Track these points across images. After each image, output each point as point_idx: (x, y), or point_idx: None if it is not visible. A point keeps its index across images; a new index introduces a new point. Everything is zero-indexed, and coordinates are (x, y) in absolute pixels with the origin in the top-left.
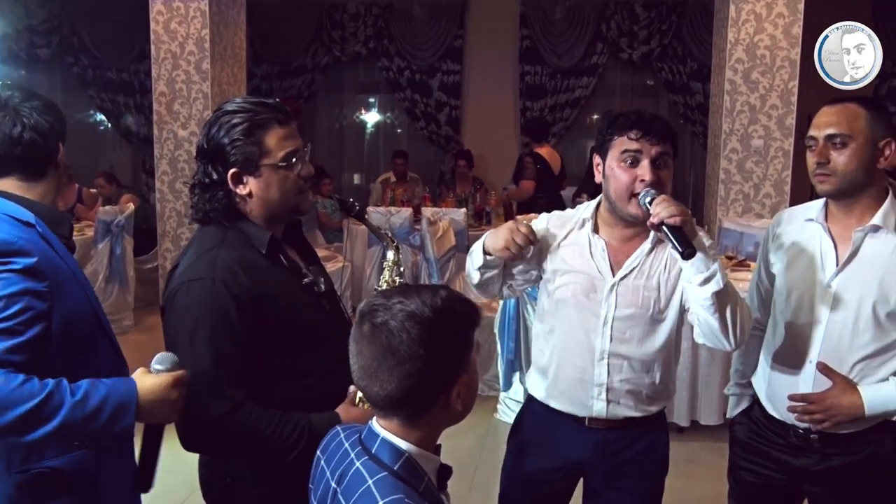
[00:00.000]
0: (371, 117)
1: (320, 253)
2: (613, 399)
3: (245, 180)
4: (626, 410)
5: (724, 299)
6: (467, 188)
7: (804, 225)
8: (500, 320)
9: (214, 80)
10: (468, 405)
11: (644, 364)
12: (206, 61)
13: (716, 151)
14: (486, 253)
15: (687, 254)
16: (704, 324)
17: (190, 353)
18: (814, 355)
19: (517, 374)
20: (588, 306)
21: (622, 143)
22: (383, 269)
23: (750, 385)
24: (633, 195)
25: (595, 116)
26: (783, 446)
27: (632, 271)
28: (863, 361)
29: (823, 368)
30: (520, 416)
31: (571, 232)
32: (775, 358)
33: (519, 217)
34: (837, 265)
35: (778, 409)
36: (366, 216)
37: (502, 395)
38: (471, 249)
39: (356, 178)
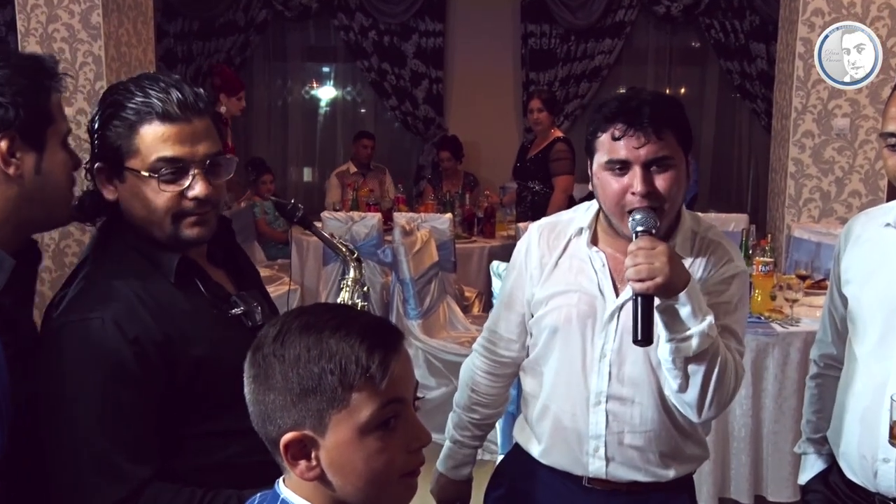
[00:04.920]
0: (325, 93)
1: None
2: (614, 457)
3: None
4: (632, 472)
5: (699, 365)
6: (456, 186)
7: (882, 231)
8: None
9: (110, 39)
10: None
11: (654, 412)
12: (97, 12)
13: (783, 135)
14: None
15: (639, 342)
16: (666, 380)
17: (71, 423)
18: None
19: None
20: (584, 335)
21: (605, 144)
22: (341, 288)
23: (825, 441)
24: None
25: (622, 91)
26: None
27: None
28: None
29: None
30: (502, 469)
31: (570, 243)
32: (851, 405)
33: (521, 225)
34: None
35: (855, 470)
36: (315, 224)
37: (500, 458)
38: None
39: (306, 174)
